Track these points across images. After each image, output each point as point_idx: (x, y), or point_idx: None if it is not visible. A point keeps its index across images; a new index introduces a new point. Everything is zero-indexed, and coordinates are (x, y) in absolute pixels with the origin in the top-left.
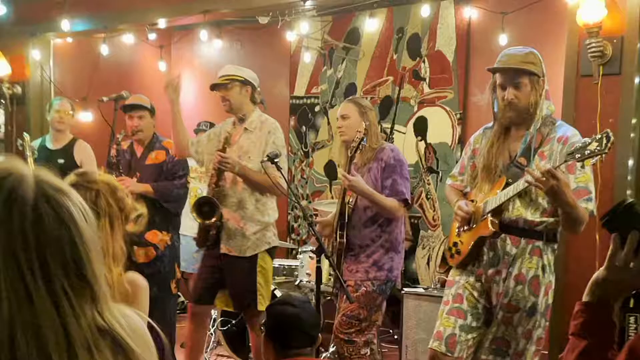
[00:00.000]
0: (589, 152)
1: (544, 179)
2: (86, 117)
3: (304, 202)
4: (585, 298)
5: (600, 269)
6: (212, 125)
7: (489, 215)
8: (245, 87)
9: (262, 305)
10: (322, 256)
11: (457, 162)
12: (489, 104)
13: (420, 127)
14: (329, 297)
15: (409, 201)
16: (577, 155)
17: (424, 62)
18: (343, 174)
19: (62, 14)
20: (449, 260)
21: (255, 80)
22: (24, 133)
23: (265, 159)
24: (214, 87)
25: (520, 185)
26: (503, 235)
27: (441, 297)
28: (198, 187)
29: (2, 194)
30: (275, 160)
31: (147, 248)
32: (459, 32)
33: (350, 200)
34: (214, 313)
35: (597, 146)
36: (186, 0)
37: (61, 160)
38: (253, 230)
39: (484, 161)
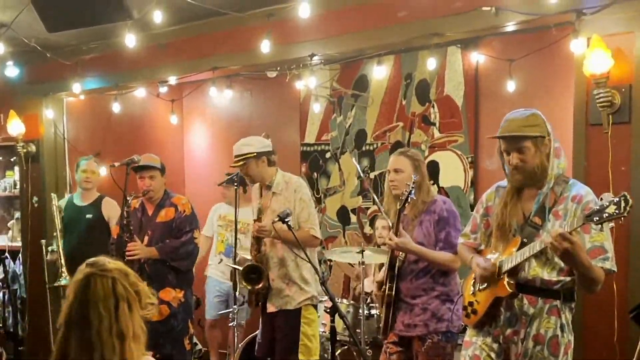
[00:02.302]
0: (607, 215)
1: (557, 243)
2: (100, 172)
3: (317, 248)
4: None
5: None
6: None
7: (505, 275)
8: (261, 158)
9: (303, 354)
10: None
11: (470, 205)
12: (500, 166)
13: (432, 172)
14: (346, 346)
15: None
16: (595, 219)
17: (433, 107)
18: (389, 236)
19: (74, 76)
20: (464, 320)
21: (268, 147)
22: (52, 194)
23: (276, 219)
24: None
25: (537, 246)
26: (520, 295)
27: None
28: (225, 234)
29: None
30: (287, 220)
31: (161, 306)
32: (467, 77)
33: (401, 253)
34: None
35: (616, 209)
36: (195, 57)
37: (89, 215)
38: (299, 285)
39: (497, 220)
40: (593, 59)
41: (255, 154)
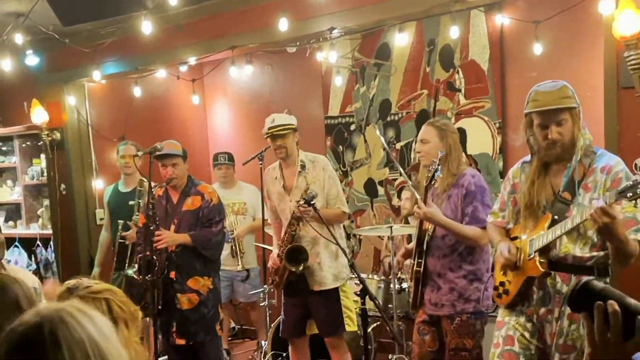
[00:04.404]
0: None
1: (597, 216)
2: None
3: (346, 222)
4: None
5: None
6: (229, 156)
7: (537, 254)
8: (296, 133)
9: (350, 326)
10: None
11: (499, 172)
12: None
13: (460, 139)
14: (378, 322)
15: None
16: (629, 194)
17: (458, 72)
18: (417, 205)
19: (94, 61)
20: (496, 300)
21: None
22: (142, 177)
23: (302, 202)
24: (268, 136)
25: (569, 224)
26: (552, 273)
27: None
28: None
29: None
30: (312, 202)
31: (190, 295)
32: (492, 40)
33: (429, 227)
34: (264, 345)
35: None
36: (213, 36)
37: (133, 202)
38: (329, 264)
39: (525, 199)
40: (622, 20)
41: (294, 126)
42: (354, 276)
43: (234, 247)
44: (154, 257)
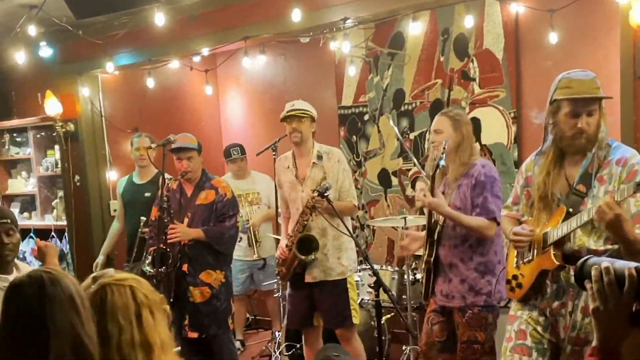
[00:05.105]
0: None
1: (605, 210)
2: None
3: (360, 213)
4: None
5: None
6: (241, 148)
7: (551, 247)
8: (313, 123)
9: (357, 319)
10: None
11: (514, 162)
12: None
13: (474, 129)
14: (392, 313)
15: (499, 220)
16: None
17: (472, 62)
18: (420, 195)
19: (107, 53)
20: (509, 294)
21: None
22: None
23: (316, 194)
24: (285, 118)
25: (584, 216)
26: (566, 266)
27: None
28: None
29: None
30: (326, 194)
31: (202, 288)
32: (507, 28)
33: (440, 217)
34: (278, 336)
35: None
36: (226, 27)
37: (147, 194)
38: (337, 255)
39: (539, 191)
40: (639, 9)
41: (313, 115)
42: (367, 267)
43: (250, 237)
44: (168, 249)
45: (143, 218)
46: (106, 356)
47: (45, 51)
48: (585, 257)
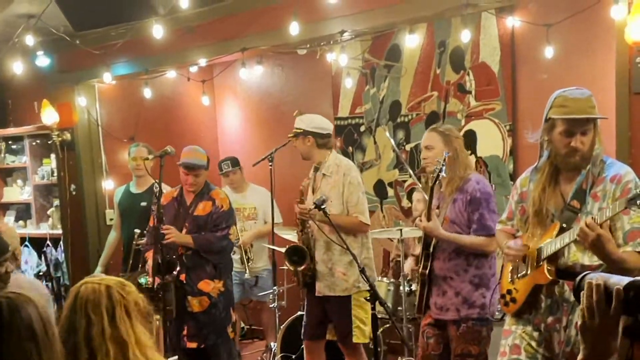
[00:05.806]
0: None
1: (587, 231)
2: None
3: None
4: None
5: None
6: (232, 161)
7: (545, 262)
8: (307, 137)
9: (359, 337)
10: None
11: (509, 175)
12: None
13: (470, 142)
14: (388, 324)
15: None
16: (639, 202)
17: (468, 74)
18: (419, 218)
19: (104, 62)
20: (503, 308)
21: (320, 128)
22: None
23: (312, 206)
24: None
25: (576, 232)
26: (560, 281)
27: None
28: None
29: None
30: (322, 207)
31: (201, 297)
32: (503, 42)
33: None
34: (273, 347)
35: None
36: (224, 38)
37: (144, 203)
38: (342, 271)
39: (534, 206)
40: (635, 26)
41: (302, 130)
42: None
43: (242, 255)
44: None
45: (137, 230)
46: (75, 346)
47: (43, 60)
48: (584, 273)
